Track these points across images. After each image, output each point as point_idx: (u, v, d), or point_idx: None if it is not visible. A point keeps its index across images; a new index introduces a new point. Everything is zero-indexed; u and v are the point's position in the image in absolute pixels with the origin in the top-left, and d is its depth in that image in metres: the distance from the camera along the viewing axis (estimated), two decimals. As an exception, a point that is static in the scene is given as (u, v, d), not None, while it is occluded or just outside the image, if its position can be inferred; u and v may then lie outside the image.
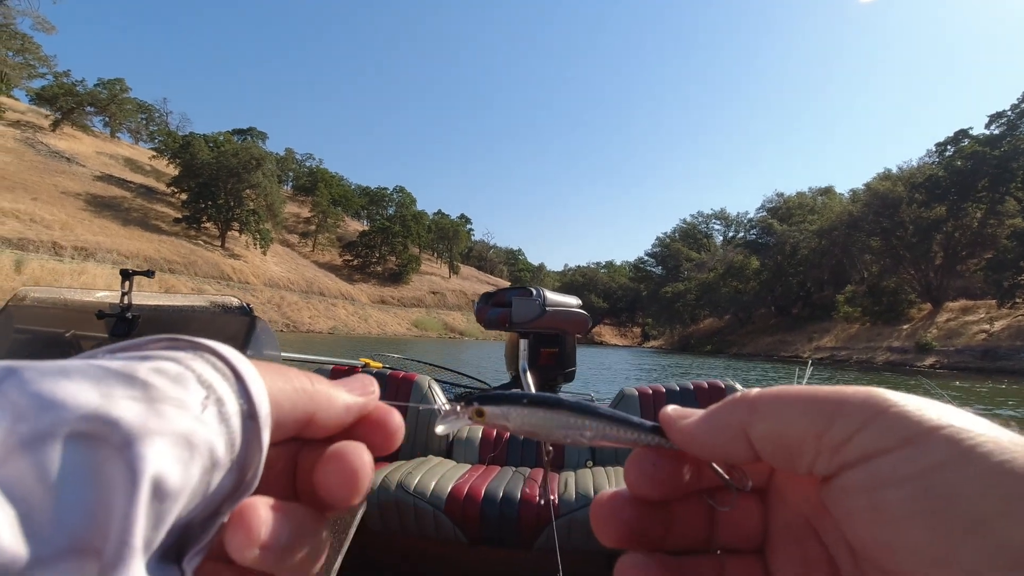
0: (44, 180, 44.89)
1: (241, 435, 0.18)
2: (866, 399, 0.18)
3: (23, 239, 32.92)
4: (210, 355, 0.18)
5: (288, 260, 62.10)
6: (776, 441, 0.20)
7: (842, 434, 0.18)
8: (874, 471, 0.17)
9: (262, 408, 0.18)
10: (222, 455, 0.17)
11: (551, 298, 3.23)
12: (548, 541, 1.81)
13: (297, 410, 0.20)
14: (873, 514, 0.17)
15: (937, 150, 42.27)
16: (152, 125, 76.67)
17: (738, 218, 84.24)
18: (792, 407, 0.19)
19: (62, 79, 57.89)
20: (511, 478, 2.03)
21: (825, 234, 49.57)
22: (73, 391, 0.15)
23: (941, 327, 36.98)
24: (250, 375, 0.18)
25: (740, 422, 0.20)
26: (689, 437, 0.22)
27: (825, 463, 0.18)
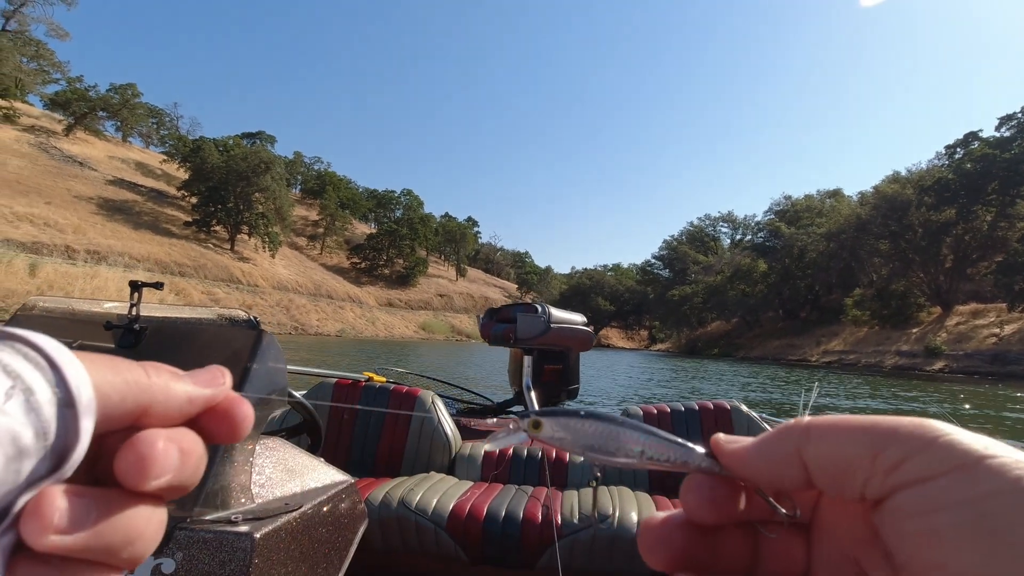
0: (57, 184, 45.51)
1: (56, 423, 0.17)
2: (919, 426, 0.19)
3: (37, 242, 33.41)
4: (22, 345, 0.18)
5: (296, 263, 62.53)
6: (830, 463, 0.20)
7: (896, 457, 0.18)
8: (927, 494, 0.18)
9: (82, 396, 0.18)
10: (29, 443, 0.17)
11: (556, 315, 3.24)
12: (551, 561, 1.76)
13: (127, 401, 0.20)
14: (927, 537, 0.17)
15: (947, 152, 42.07)
16: (163, 129, 77.50)
17: (745, 221, 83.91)
18: (846, 432, 0.20)
19: (75, 84, 58.67)
20: (514, 496, 2.00)
21: (833, 237, 49.32)
22: None
23: (951, 331, 36.69)
24: (68, 364, 0.18)
25: (795, 445, 0.21)
26: (742, 461, 0.22)
27: (878, 485, 0.19)
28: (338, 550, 1.28)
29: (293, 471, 1.29)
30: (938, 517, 0.17)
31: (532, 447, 2.32)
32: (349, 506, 1.37)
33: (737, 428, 2.30)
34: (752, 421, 2.29)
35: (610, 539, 1.75)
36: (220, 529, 0.97)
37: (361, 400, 2.68)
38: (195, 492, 0.99)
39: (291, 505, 1.14)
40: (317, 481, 1.33)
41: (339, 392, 2.75)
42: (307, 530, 1.16)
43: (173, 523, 0.96)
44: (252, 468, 1.15)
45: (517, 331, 3.10)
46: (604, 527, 1.77)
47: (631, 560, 1.74)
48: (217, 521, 1.00)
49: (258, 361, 1.25)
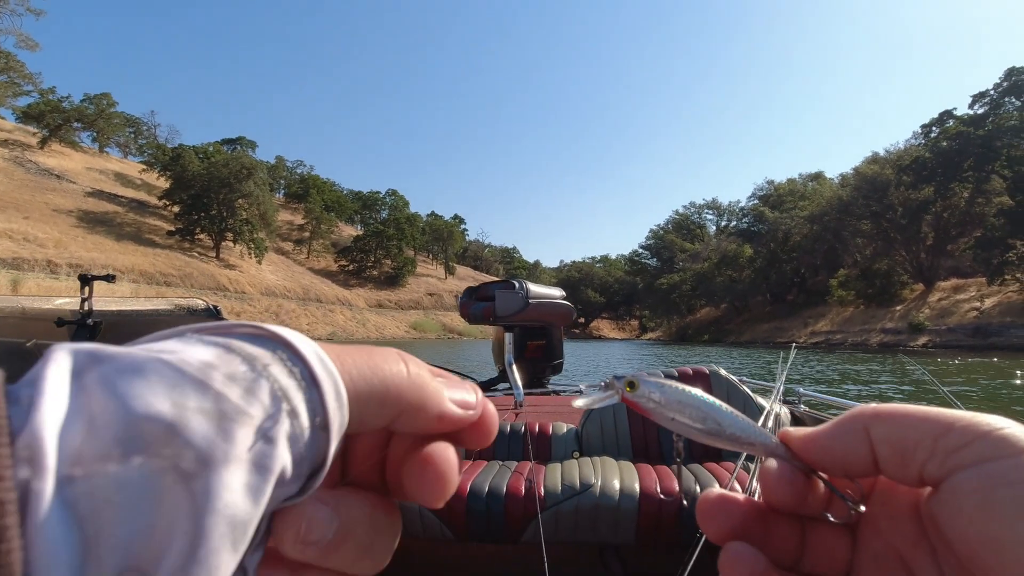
0: (35, 198, 44.85)
1: (308, 447, 0.17)
2: (977, 417, 0.20)
3: (18, 258, 32.97)
4: (288, 355, 0.18)
5: (284, 268, 62.14)
6: (895, 443, 0.21)
7: (956, 442, 0.20)
8: (988, 472, 0.19)
9: (334, 420, 0.18)
10: (290, 472, 0.17)
11: (534, 290, 3.19)
12: (535, 534, 1.76)
13: (384, 408, 0.20)
14: (984, 511, 0.18)
15: (923, 131, 42.70)
16: (140, 138, 76.59)
17: (730, 207, 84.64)
18: (911, 418, 0.21)
19: (48, 96, 57.68)
20: (497, 472, 2.00)
21: (816, 219, 49.96)
22: (148, 398, 0.14)
23: (933, 307, 37.42)
24: (326, 381, 0.18)
25: (863, 425, 0.22)
26: (814, 442, 0.23)
27: (937, 465, 0.20)
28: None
29: None
30: (995, 493, 0.18)
31: (516, 422, 2.37)
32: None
33: (716, 392, 2.24)
34: (731, 384, 2.29)
35: (593, 507, 1.76)
36: None
37: None
38: None
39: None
40: None
41: None
42: None
43: None
44: None
45: (496, 309, 3.07)
46: (587, 496, 1.77)
47: (614, 528, 1.75)
48: None
49: None
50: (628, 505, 1.73)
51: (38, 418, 0.13)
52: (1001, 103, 37.20)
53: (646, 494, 1.75)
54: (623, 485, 1.80)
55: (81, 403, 0.14)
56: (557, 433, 2.29)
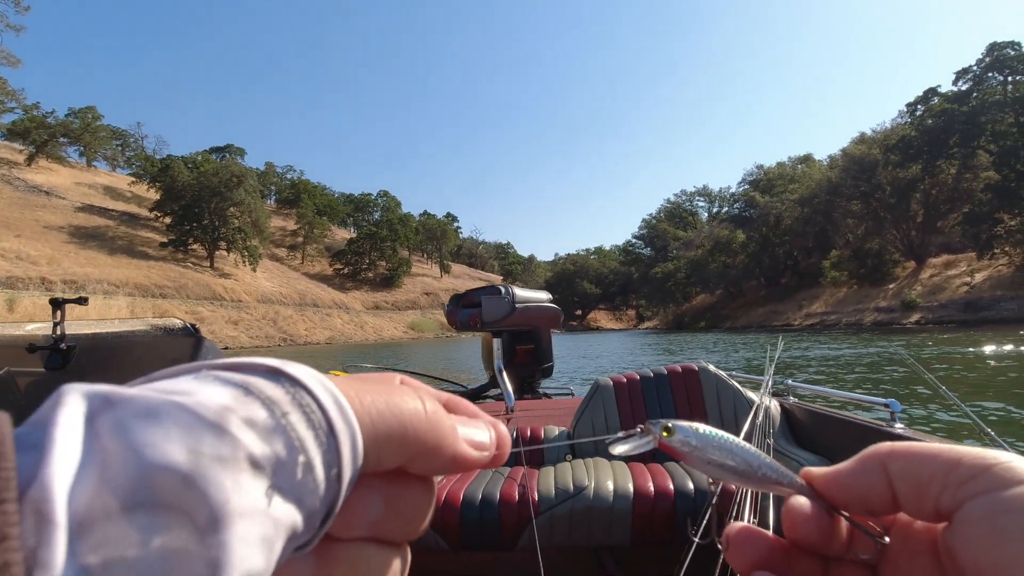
0: (25, 216, 44.66)
1: (322, 500, 0.17)
2: (981, 453, 0.22)
3: (11, 277, 32.89)
4: (306, 399, 0.17)
5: (279, 274, 62.08)
6: (911, 478, 0.22)
7: (967, 473, 0.21)
8: (995, 500, 0.20)
9: (347, 472, 0.17)
10: (302, 525, 0.16)
11: (520, 295, 3.17)
12: (530, 540, 1.74)
13: (397, 452, 0.19)
14: (992, 537, 0.20)
15: (908, 110, 42.89)
16: (128, 151, 76.18)
17: (721, 193, 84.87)
18: (923, 454, 0.23)
19: (32, 112, 57.23)
20: (490, 479, 1.97)
21: (806, 202, 50.24)
22: (163, 446, 0.14)
23: (925, 283, 37.78)
24: (342, 428, 0.17)
25: (880, 462, 0.23)
26: (834, 481, 0.25)
27: (950, 497, 0.21)
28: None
29: None
30: (1001, 519, 0.20)
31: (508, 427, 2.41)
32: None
33: (706, 388, 2.28)
34: (720, 380, 2.27)
35: (587, 510, 1.75)
36: None
37: None
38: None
39: None
40: None
41: None
42: None
43: None
44: None
45: (483, 315, 3.05)
46: (580, 499, 1.77)
47: (609, 529, 1.75)
48: None
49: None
50: (622, 506, 1.73)
51: (49, 471, 0.13)
52: (984, 79, 37.46)
53: (640, 494, 1.75)
54: (616, 486, 1.79)
55: (94, 452, 0.13)
56: (549, 437, 2.27)
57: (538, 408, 3.06)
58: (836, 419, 1.89)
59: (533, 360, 3.64)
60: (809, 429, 2.01)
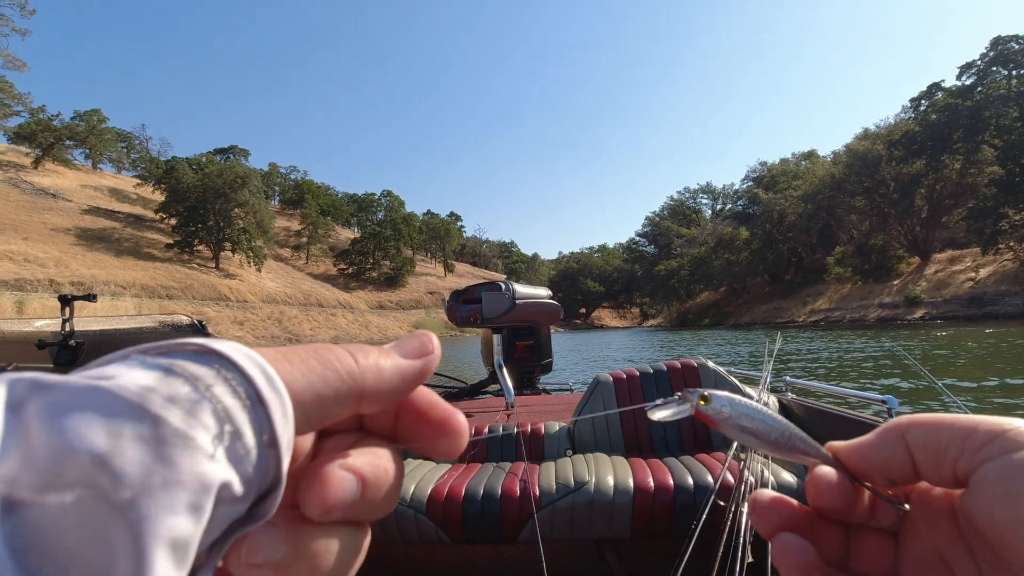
0: (33, 219, 45.04)
1: (256, 465, 0.17)
2: (997, 421, 0.23)
3: (20, 279, 33.20)
4: (234, 374, 0.17)
5: (283, 275, 62.35)
6: (930, 446, 0.23)
7: (983, 439, 0.22)
8: (1008, 462, 0.21)
9: (282, 436, 0.18)
10: (238, 490, 0.17)
11: (520, 291, 3.18)
12: (531, 533, 1.76)
13: (343, 396, 0.20)
14: (1007, 496, 0.21)
15: (912, 105, 42.73)
16: (133, 153, 76.42)
17: (724, 190, 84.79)
18: (940, 423, 0.24)
19: (38, 115, 57.66)
20: (492, 474, 2.00)
21: (810, 198, 50.16)
22: (81, 429, 0.14)
23: (930, 279, 37.68)
24: (272, 399, 0.18)
25: (900, 432, 0.25)
26: (857, 451, 0.26)
27: (967, 462, 0.22)
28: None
29: None
30: (1016, 480, 0.20)
31: (508, 423, 2.38)
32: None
33: (704, 383, 2.28)
34: (719, 375, 2.28)
35: (588, 504, 1.77)
36: None
37: None
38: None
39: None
40: None
41: None
42: None
43: None
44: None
45: (483, 311, 3.06)
46: (581, 494, 1.78)
47: (610, 523, 1.77)
48: None
49: None
50: (623, 500, 1.75)
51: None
52: (988, 73, 37.27)
53: (640, 488, 1.77)
54: (617, 480, 1.81)
55: (16, 436, 0.14)
56: (549, 432, 2.30)
57: (538, 404, 3.09)
58: (834, 415, 1.93)
59: (533, 356, 3.67)
60: (807, 425, 2.04)
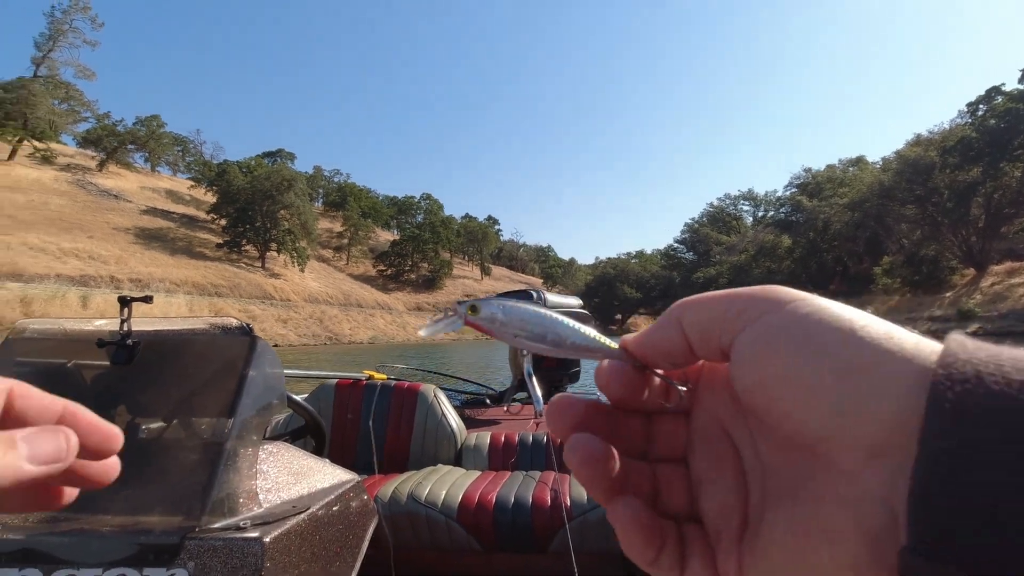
0: (97, 218, 47.85)
1: None
2: (755, 288, 0.23)
3: (85, 275, 35.42)
4: None
5: (325, 275, 64.24)
6: (699, 324, 0.24)
7: (741, 307, 0.23)
8: (760, 325, 0.22)
9: None
10: None
11: (552, 299, 3.20)
12: (562, 544, 1.72)
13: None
14: (757, 359, 0.21)
15: (969, 110, 40.96)
16: (188, 156, 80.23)
17: (767, 197, 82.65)
18: (710, 298, 0.24)
19: (104, 121, 61.39)
20: (522, 483, 1.98)
21: (857, 206, 48.49)
22: None
23: (985, 292, 35.96)
24: None
25: (676, 316, 0.25)
26: (639, 341, 0.26)
27: (728, 333, 0.23)
28: (349, 548, 1.28)
29: (299, 474, 1.31)
30: (765, 341, 0.21)
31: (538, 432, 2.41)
32: (358, 505, 1.38)
33: None
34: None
35: None
36: (229, 536, 0.98)
37: (363, 398, 2.70)
38: (201, 501, 1.05)
39: (298, 507, 1.16)
40: (323, 482, 1.34)
41: (340, 393, 2.75)
42: (316, 531, 1.16)
43: (182, 533, 0.99)
44: (257, 474, 1.19)
45: None
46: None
47: None
48: (226, 528, 1.01)
49: (254, 368, 1.25)
50: None
51: None
52: (1053, 76, 35.44)
53: None
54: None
55: None
56: None
57: None
58: None
59: (561, 365, 3.69)
60: None
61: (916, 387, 0.17)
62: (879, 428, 0.18)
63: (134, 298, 1.56)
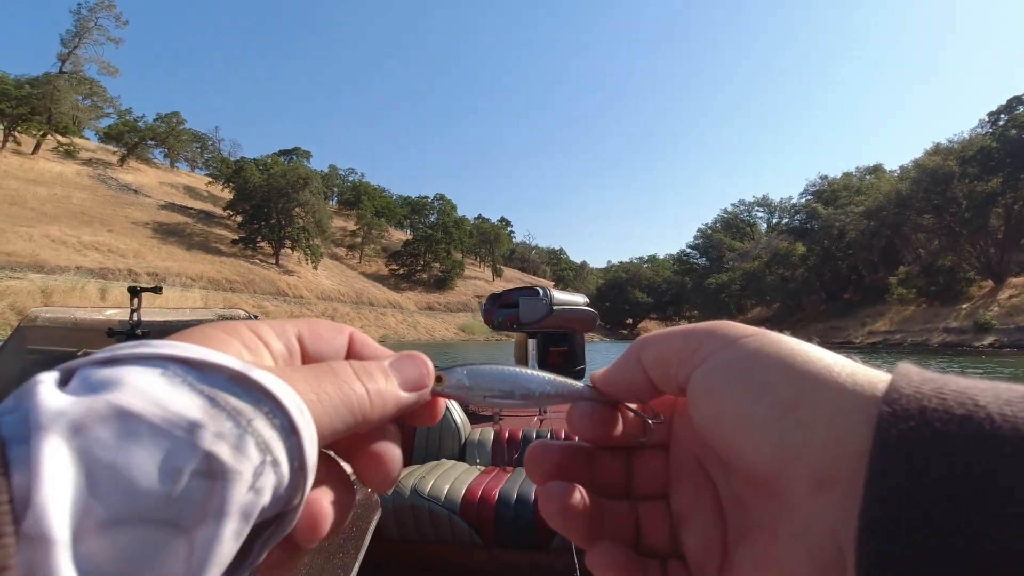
0: (116, 212, 48.74)
1: (287, 487, 0.19)
2: (708, 324, 0.24)
3: (104, 268, 36.12)
4: (270, 408, 0.19)
5: (338, 273, 64.81)
6: (658, 361, 0.24)
7: (694, 345, 0.23)
8: (709, 366, 0.22)
9: (310, 459, 0.19)
10: (268, 507, 0.18)
11: (558, 297, 3.20)
12: (564, 541, 1.73)
13: (350, 423, 0.21)
14: (705, 396, 0.22)
15: (989, 120, 40.39)
16: (206, 153, 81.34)
17: (781, 204, 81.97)
18: (667, 334, 0.25)
19: (125, 117, 62.46)
20: (525, 479, 1.97)
21: (873, 215, 47.95)
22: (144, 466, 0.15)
23: (1003, 304, 35.40)
24: (305, 428, 0.19)
25: (636, 354, 0.25)
26: (606, 379, 0.27)
27: (685, 370, 0.23)
28: (353, 540, 1.32)
29: None
30: (714, 378, 0.22)
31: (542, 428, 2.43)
32: (361, 496, 1.39)
33: None
34: None
35: None
36: None
37: None
38: None
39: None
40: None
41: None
42: None
43: None
44: None
45: (520, 316, 3.06)
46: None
47: None
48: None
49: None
50: None
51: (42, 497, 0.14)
52: (1077, 87, 34.83)
53: None
54: None
55: (80, 473, 0.15)
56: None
57: None
58: None
59: (566, 362, 3.69)
60: None
61: (859, 420, 0.18)
62: (822, 461, 0.18)
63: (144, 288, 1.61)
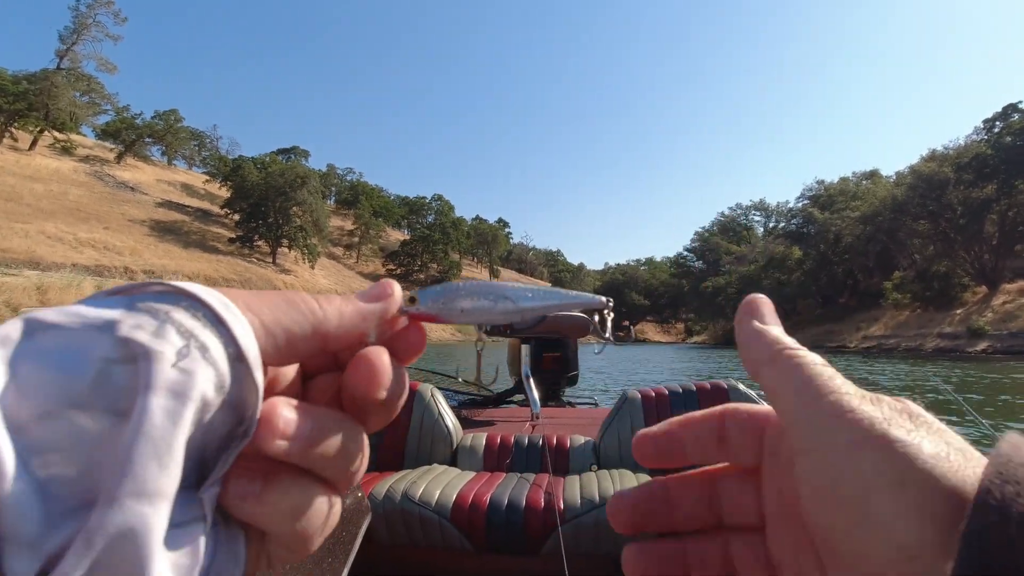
0: (113, 210, 48.61)
1: (231, 376, 0.19)
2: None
3: (100, 265, 36.03)
4: (191, 304, 0.19)
5: (335, 272, 64.80)
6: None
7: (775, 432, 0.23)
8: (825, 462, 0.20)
9: (250, 351, 0.19)
10: (211, 396, 0.18)
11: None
12: (555, 546, 1.75)
13: (310, 332, 0.21)
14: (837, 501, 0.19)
15: (985, 127, 40.68)
16: (204, 151, 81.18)
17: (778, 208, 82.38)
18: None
19: (123, 114, 62.34)
20: (516, 484, 2.00)
21: (869, 220, 48.24)
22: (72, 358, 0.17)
23: (997, 310, 35.62)
24: (233, 319, 0.19)
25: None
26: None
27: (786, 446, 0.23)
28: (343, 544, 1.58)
29: None
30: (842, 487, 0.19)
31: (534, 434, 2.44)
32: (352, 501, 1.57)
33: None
34: (750, 399, 2.23)
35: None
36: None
37: None
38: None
39: None
40: None
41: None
42: None
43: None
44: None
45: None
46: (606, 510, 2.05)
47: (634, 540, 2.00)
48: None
49: None
50: None
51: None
52: (1071, 95, 35.14)
53: None
54: None
55: (14, 367, 0.16)
56: (575, 445, 2.30)
57: (564, 416, 3.12)
58: None
59: (560, 368, 3.69)
60: None
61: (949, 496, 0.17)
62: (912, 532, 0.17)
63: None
